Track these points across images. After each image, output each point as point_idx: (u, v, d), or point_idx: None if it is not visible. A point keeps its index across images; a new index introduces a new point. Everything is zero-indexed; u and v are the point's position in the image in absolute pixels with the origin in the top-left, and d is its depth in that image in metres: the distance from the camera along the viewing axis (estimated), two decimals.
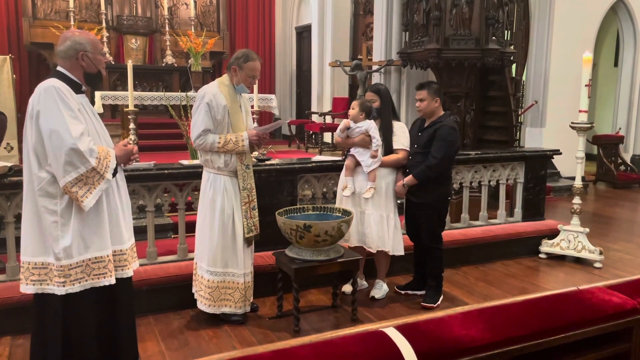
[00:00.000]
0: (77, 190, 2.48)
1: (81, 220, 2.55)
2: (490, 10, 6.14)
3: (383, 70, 7.77)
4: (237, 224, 3.56)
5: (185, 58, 10.66)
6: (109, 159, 2.60)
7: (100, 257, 2.61)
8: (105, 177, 2.57)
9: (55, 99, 2.47)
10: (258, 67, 3.56)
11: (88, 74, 2.69)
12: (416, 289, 4.23)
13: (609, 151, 9.34)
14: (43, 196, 2.52)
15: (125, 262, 2.75)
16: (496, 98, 7.30)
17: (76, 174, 2.46)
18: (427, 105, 3.95)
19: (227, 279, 3.56)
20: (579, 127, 4.97)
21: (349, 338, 1.79)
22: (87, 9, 10.27)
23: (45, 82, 2.55)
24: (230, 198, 3.54)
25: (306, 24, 11.62)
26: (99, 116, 2.84)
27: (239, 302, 3.59)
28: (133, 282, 3.63)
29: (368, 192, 3.90)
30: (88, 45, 2.65)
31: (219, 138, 3.45)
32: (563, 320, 2.04)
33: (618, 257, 5.25)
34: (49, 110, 2.46)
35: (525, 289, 4.40)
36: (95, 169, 2.51)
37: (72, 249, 2.53)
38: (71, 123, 2.47)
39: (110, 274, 2.64)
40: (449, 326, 1.91)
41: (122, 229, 2.73)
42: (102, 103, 7.77)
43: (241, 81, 3.54)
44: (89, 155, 2.48)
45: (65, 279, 2.54)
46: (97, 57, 2.68)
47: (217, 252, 3.54)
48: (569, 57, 8.21)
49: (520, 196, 5.50)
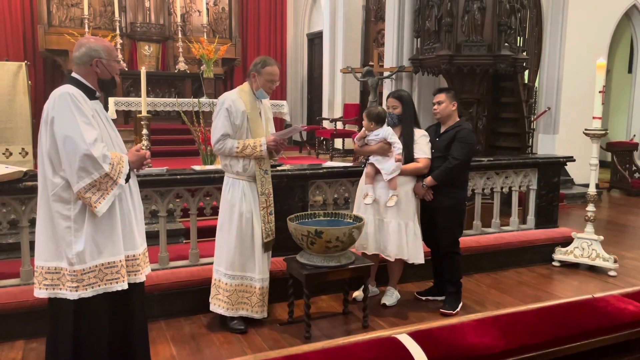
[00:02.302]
0: (90, 196, 2.49)
1: (94, 225, 2.56)
2: (503, 17, 6.12)
3: (394, 77, 7.76)
4: (256, 228, 3.58)
5: (198, 65, 10.75)
6: (122, 165, 2.61)
7: (112, 263, 2.61)
8: (119, 183, 2.57)
9: (70, 106, 2.49)
10: (276, 71, 3.61)
11: (102, 81, 2.70)
12: (437, 294, 4.21)
13: (623, 158, 9.23)
14: (57, 201, 2.54)
15: (138, 267, 2.75)
16: (509, 104, 7.25)
17: (90, 179, 2.47)
18: (445, 108, 3.95)
19: (244, 283, 3.59)
20: (592, 134, 4.92)
21: (362, 344, 1.78)
22: (101, 16, 10.39)
23: (60, 89, 2.56)
24: (249, 203, 3.57)
25: (318, 30, 11.66)
26: (112, 122, 2.85)
27: (255, 306, 3.61)
28: (146, 287, 3.65)
29: (391, 200, 3.86)
30: (103, 52, 2.66)
31: (238, 143, 3.51)
32: (578, 329, 2.01)
33: (633, 266, 5.18)
34: (63, 117, 2.48)
35: (539, 297, 4.36)
36: (109, 174, 2.52)
37: (85, 254, 2.54)
38: (85, 129, 2.48)
39: (123, 279, 2.64)
40: (462, 333, 1.89)
41: (135, 234, 2.73)
42: (115, 109, 7.85)
43: (260, 87, 3.59)
44: (102, 162, 2.49)
45: (78, 283, 2.54)
46: (111, 64, 2.70)
47: (235, 256, 3.56)
48: (582, 63, 8.15)
49: (533, 203, 5.45)
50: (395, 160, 3.85)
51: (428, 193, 3.97)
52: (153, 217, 4.42)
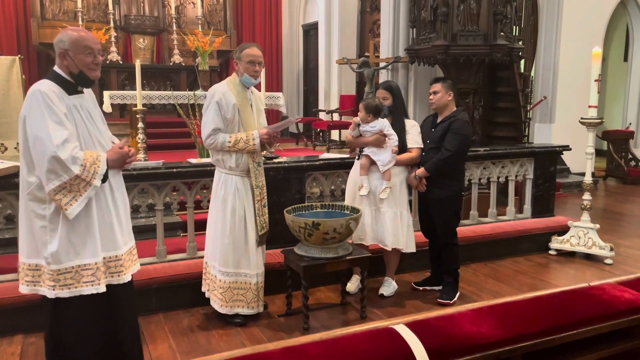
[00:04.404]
0: (61, 198, 2.40)
1: (70, 226, 2.48)
2: (498, 6, 6.11)
3: (390, 67, 7.74)
4: (249, 224, 3.55)
5: (193, 57, 10.70)
6: (98, 165, 2.48)
7: (88, 265, 2.52)
8: (93, 184, 2.46)
9: (40, 105, 2.38)
10: (255, 52, 3.50)
11: (72, 74, 2.55)
12: (434, 284, 4.23)
13: (619, 146, 9.26)
14: (32, 200, 2.48)
15: (121, 268, 2.65)
16: (505, 94, 7.26)
17: (59, 181, 2.39)
18: (440, 98, 3.93)
19: (239, 280, 3.56)
20: (588, 123, 4.93)
21: (359, 335, 1.79)
22: (95, 8, 10.31)
23: (35, 85, 2.46)
24: (241, 198, 3.53)
25: (313, 21, 11.61)
26: (102, 116, 2.74)
27: (251, 302, 3.59)
28: (143, 281, 3.66)
29: (384, 192, 3.88)
30: (68, 43, 2.50)
31: (230, 137, 3.44)
32: (574, 317, 2.03)
33: (629, 254, 5.21)
34: (34, 116, 2.37)
35: (536, 286, 4.38)
36: (80, 176, 2.41)
37: (59, 254, 2.47)
38: (54, 130, 2.36)
39: (99, 282, 2.55)
40: (459, 323, 1.91)
41: (116, 234, 2.63)
42: (110, 102, 7.80)
43: (244, 72, 3.50)
44: (71, 164, 2.38)
45: (55, 283, 2.48)
46: (78, 57, 2.51)
47: (228, 253, 3.53)
48: (578, 52, 8.15)
49: (530, 192, 5.46)
50: (392, 152, 3.85)
51: (421, 184, 3.97)
52: (150, 211, 4.41)
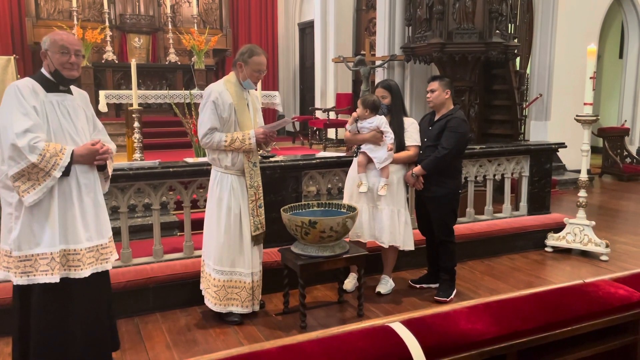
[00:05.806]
0: (20, 185, 2.55)
1: (31, 214, 2.60)
2: (494, 4, 6.11)
3: (386, 66, 7.75)
4: (244, 223, 3.55)
5: (189, 56, 10.69)
6: (60, 157, 2.57)
7: (44, 254, 2.61)
8: (52, 175, 2.57)
9: (12, 97, 2.57)
10: (264, 61, 3.53)
11: (51, 73, 2.71)
12: (431, 282, 4.24)
13: (614, 143, 9.29)
14: (3, 188, 2.63)
15: (78, 263, 2.68)
16: (500, 92, 7.27)
17: (17, 168, 2.52)
18: (437, 97, 3.94)
19: (234, 278, 3.56)
20: (584, 120, 4.94)
21: (356, 333, 1.80)
22: (90, 8, 10.27)
23: (15, 81, 2.67)
24: (237, 197, 3.53)
25: (309, 20, 11.60)
26: (91, 117, 2.87)
27: (245, 301, 3.59)
28: (140, 280, 3.68)
29: (382, 189, 3.89)
30: (48, 43, 2.69)
31: (226, 136, 3.44)
32: (569, 314, 2.04)
33: (624, 250, 5.23)
34: (5, 108, 2.57)
35: (532, 283, 4.40)
36: (37, 165, 2.52)
37: (20, 241, 2.59)
38: (17, 120, 2.52)
39: (52, 272, 2.61)
40: (455, 320, 1.92)
41: (78, 228, 2.67)
42: (106, 102, 7.79)
43: (247, 77, 3.52)
44: (28, 152, 2.50)
45: (16, 269, 2.60)
46: (55, 56, 2.68)
47: (223, 251, 3.53)
48: (573, 49, 8.16)
49: (526, 190, 5.48)
50: (387, 149, 3.86)
51: (418, 182, 3.98)
52: (147, 210, 4.41)
